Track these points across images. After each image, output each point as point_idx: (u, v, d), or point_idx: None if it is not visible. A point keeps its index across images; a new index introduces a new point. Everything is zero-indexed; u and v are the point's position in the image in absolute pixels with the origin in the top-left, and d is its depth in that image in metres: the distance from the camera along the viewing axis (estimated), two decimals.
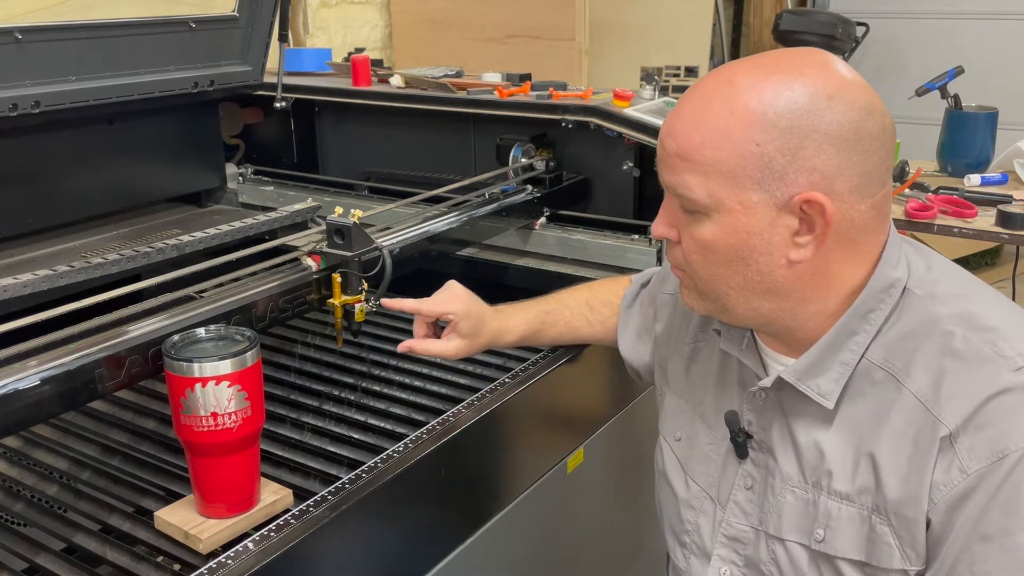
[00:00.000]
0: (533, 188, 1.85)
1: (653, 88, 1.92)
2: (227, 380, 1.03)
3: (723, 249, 0.95)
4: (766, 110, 0.90)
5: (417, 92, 2.09)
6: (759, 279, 0.95)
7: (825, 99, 0.90)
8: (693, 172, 0.93)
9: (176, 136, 1.91)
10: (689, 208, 0.96)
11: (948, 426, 0.89)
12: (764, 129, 0.90)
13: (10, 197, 1.63)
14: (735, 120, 0.91)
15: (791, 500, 1.01)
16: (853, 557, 0.96)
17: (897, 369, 0.95)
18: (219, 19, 1.81)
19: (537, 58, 3.26)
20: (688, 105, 0.96)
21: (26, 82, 1.51)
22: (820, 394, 0.98)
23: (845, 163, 0.90)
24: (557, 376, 1.41)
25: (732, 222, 0.93)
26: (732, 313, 1.00)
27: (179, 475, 1.23)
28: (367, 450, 1.27)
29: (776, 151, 0.90)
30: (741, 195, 0.92)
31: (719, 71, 0.97)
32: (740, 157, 0.91)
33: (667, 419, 1.21)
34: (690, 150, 0.93)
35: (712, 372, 1.14)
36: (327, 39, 3.39)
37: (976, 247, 3.97)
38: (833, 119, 0.89)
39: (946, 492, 0.89)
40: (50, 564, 1.07)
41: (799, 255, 0.93)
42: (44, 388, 1.04)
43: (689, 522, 1.14)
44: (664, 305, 1.28)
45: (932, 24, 4.99)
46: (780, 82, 0.91)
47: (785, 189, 0.90)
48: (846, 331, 0.97)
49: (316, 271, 1.37)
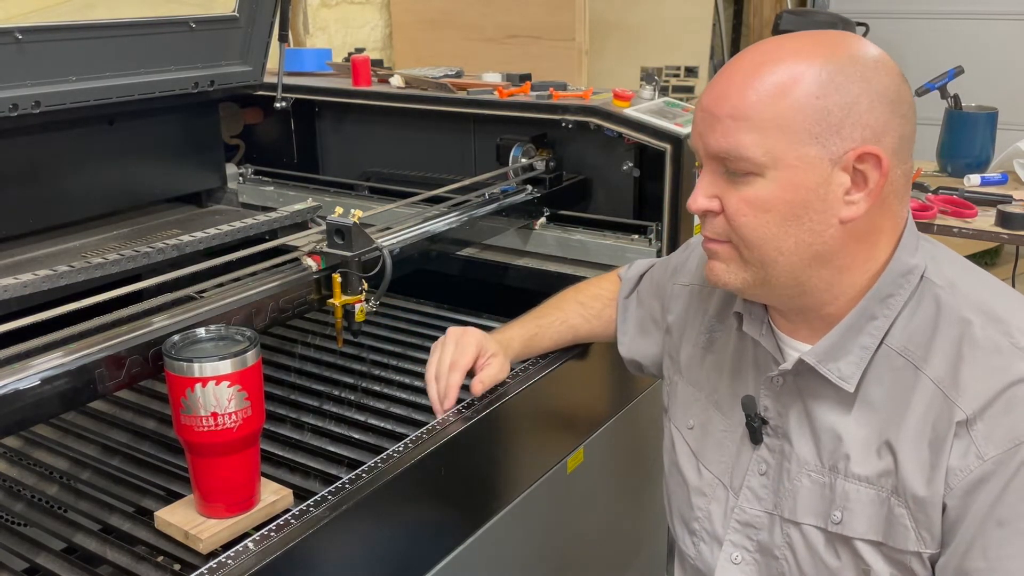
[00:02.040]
0: (533, 188, 1.85)
1: (653, 88, 1.92)
2: (227, 380, 1.03)
3: (779, 207, 0.95)
4: (822, 67, 0.93)
5: (417, 92, 2.09)
6: (810, 240, 0.96)
7: (872, 61, 0.94)
8: (749, 130, 0.94)
9: (176, 136, 1.91)
10: (741, 170, 0.96)
11: (965, 411, 0.92)
12: (821, 84, 0.92)
13: (10, 197, 1.63)
14: (791, 76, 0.93)
15: (807, 484, 1.02)
16: (870, 537, 0.97)
17: (916, 356, 0.97)
18: (219, 19, 1.81)
19: (537, 58, 3.26)
20: (736, 71, 0.97)
21: (26, 82, 1.51)
22: (841, 377, 0.99)
23: (891, 122, 0.94)
24: (557, 376, 1.41)
25: (791, 178, 0.94)
26: (772, 285, 1.00)
27: (179, 475, 1.23)
28: (367, 450, 1.27)
29: (834, 104, 0.92)
30: (800, 149, 0.93)
31: (757, 45, 0.99)
32: (799, 111, 0.92)
33: (679, 408, 1.22)
34: (746, 108, 0.94)
35: (727, 360, 1.15)
36: (327, 39, 3.39)
37: (976, 247, 3.97)
38: (881, 80, 0.93)
39: (962, 477, 0.91)
40: (50, 564, 1.07)
41: (851, 212, 0.95)
42: (44, 388, 1.04)
43: (700, 509, 1.15)
44: (676, 296, 1.28)
45: (932, 24, 5.00)
46: (830, 44, 0.95)
47: (840, 143, 0.92)
48: (866, 314, 0.99)
49: (316, 271, 1.37)
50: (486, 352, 1.30)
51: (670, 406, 1.25)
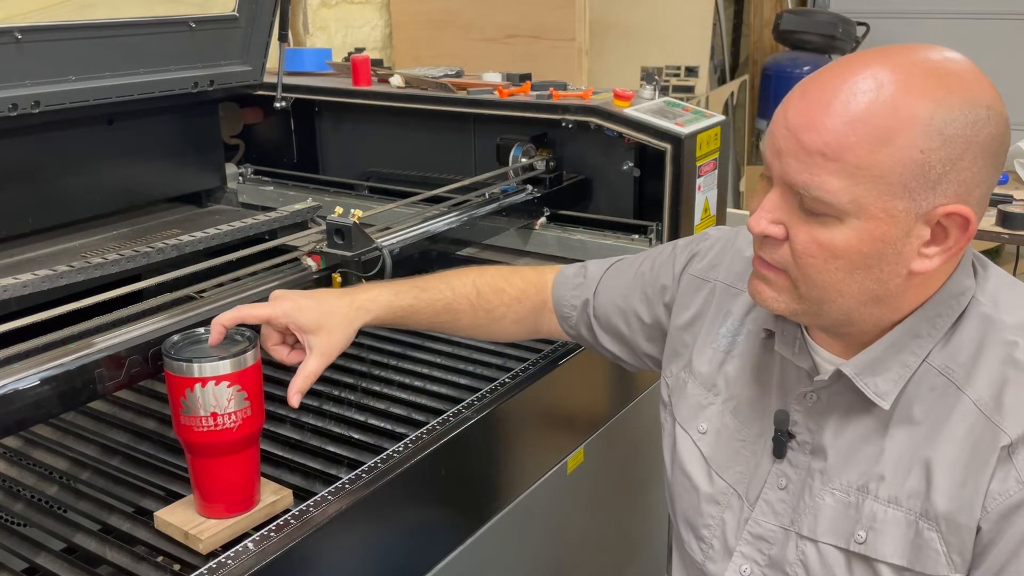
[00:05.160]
0: (533, 188, 1.85)
1: (653, 88, 1.92)
2: (227, 380, 1.03)
3: (852, 256, 0.89)
4: (933, 116, 0.84)
5: (417, 92, 2.09)
6: (874, 287, 0.91)
7: (985, 109, 0.86)
8: (839, 174, 0.86)
9: (176, 136, 1.91)
10: (817, 210, 0.88)
11: (1010, 435, 0.88)
12: (929, 136, 0.84)
13: (10, 197, 1.63)
14: (899, 121, 0.84)
15: (830, 502, 0.99)
16: (894, 562, 0.94)
17: (957, 376, 0.93)
18: (219, 19, 1.81)
19: (537, 58, 3.26)
20: (832, 96, 0.86)
21: (26, 82, 1.50)
22: (877, 393, 0.95)
23: (986, 176, 0.88)
24: (557, 376, 1.41)
25: (871, 230, 0.87)
26: (823, 317, 0.95)
27: (179, 475, 1.23)
28: (367, 450, 1.27)
29: (937, 160, 0.84)
30: (888, 203, 0.86)
31: (854, 60, 0.89)
32: (899, 163, 0.84)
33: (689, 410, 1.16)
34: (841, 150, 0.85)
35: (749, 367, 1.11)
36: (327, 39, 3.39)
37: (976, 247, 3.96)
38: (989, 131, 0.86)
39: (1000, 501, 0.88)
40: (50, 564, 1.07)
41: (923, 266, 0.90)
42: (44, 388, 1.04)
43: (712, 517, 1.11)
44: (692, 288, 1.20)
45: (932, 24, 5.00)
46: (942, 84, 0.85)
47: (933, 199, 0.86)
48: (911, 332, 0.95)
49: (316, 271, 1.37)
50: (304, 334, 1.10)
51: (675, 404, 1.19)
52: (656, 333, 1.26)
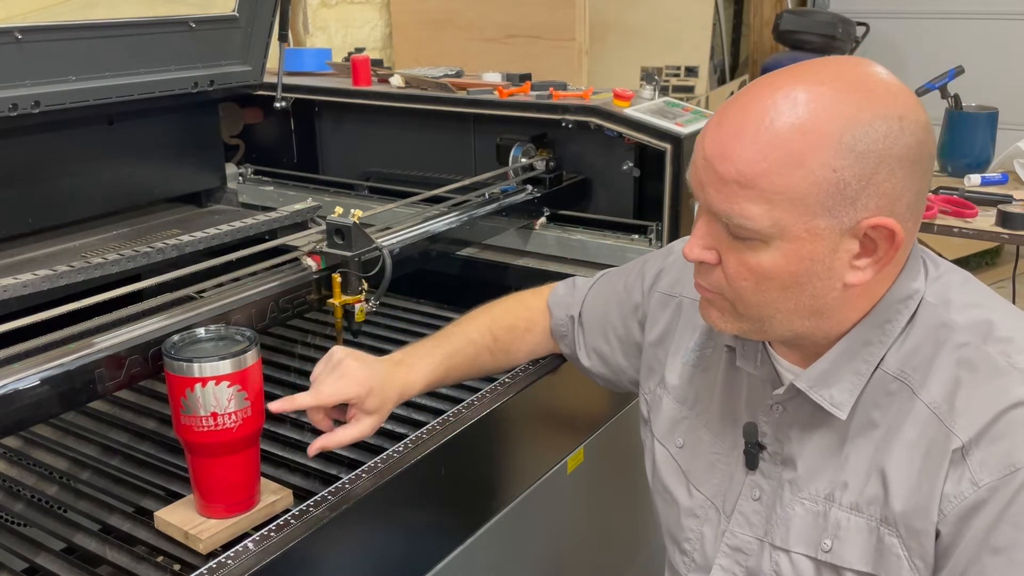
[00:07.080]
0: (533, 188, 1.85)
1: (653, 88, 1.92)
2: (227, 380, 1.03)
3: (782, 276, 0.90)
4: (843, 133, 0.85)
5: (417, 92, 2.09)
6: (811, 303, 0.92)
7: (897, 120, 0.86)
8: (757, 200, 0.87)
9: (176, 136, 1.91)
10: (743, 235, 0.90)
11: (961, 438, 0.88)
12: (840, 154, 0.85)
13: (10, 197, 1.63)
14: (808, 144, 0.85)
15: (800, 512, 1.00)
16: (860, 568, 0.94)
17: (912, 380, 0.93)
18: (219, 19, 1.81)
19: (537, 58, 3.27)
20: (743, 123, 0.88)
21: (26, 82, 1.51)
22: (833, 404, 0.96)
23: (909, 185, 0.88)
24: (557, 376, 1.41)
25: (796, 250, 0.88)
26: (768, 333, 0.97)
27: (179, 475, 1.23)
28: (367, 450, 1.27)
29: (852, 177, 0.85)
30: (809, 222, 0.87)
31: (766, 83, 0.90)
32: (814, 184, 0.85)
33: (665, 424, 1.18)
34: (755, 177, 0.86)
35: (718, 380, 1.12)
36: (327, 39, 3.39)
37: (976, 247, 3.97)
38: (905, 142, 0.86)
39: (956, 504, 0.88)
40: (50, 564, 1.07)
41: (856, 278, 0.91)
42: (44, 388, 1.04)
43: (692, 530, 1.12)
44: (660, 305, 1.23)
45: (932, 24, 5.00)
46: (851, 101, 0.86)
47: (854, 214, 0.87)
48: (861, 340, 0.95)
49: (316, 271, 1.37)
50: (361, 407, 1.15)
51: (653, 420, 1.21)
52: (633, 350, 1.28)
